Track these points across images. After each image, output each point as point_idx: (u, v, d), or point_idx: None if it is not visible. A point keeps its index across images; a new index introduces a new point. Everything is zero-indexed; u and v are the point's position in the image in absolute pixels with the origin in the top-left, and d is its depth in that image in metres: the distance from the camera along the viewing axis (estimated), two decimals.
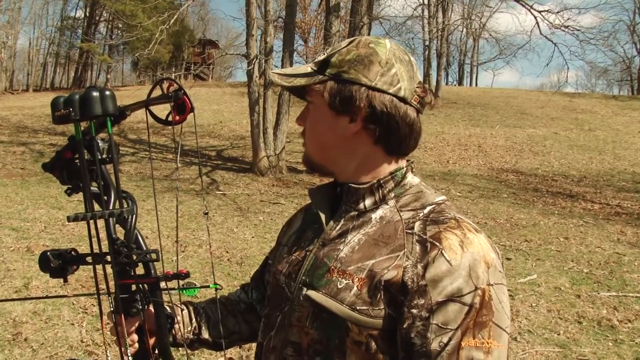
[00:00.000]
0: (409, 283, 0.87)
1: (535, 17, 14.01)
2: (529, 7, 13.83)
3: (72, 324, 4.10)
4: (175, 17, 12.69)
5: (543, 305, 4.90)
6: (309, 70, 1.02)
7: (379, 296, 0.89)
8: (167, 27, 12.50)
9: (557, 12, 13.84)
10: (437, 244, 0.89)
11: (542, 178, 12.51)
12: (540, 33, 15.45)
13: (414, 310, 0.86)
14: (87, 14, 38.57)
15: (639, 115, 21.10)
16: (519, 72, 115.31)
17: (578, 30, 13.86)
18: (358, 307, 0.89)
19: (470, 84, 47.08)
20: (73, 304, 4.41)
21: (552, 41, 14.28)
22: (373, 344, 0.90)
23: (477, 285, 0.86)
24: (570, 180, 12.36)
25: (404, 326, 0.87)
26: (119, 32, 36.19)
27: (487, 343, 0.85)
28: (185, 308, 1.22)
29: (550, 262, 6.34)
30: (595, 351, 4.02)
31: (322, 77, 0.99)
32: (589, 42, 14.38)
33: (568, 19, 13.97)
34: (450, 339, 0.84)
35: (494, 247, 0.93)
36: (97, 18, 38.99)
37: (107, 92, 0.87)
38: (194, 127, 0.91)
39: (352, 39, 1.03)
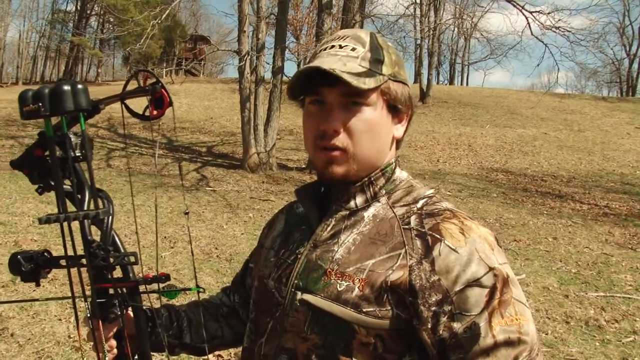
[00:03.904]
0: (417, 282, 0.85)
1: (526, 18, 14.05)
2: (521, 8, 13.86)
3: (60, 319, 4.06)
4: (167, 12, 12.62)
5: (531, 304, 4.91)
6: (361, 68, 0.91)
7: (385, 297, 0.86)
8: (159, 22, 12.43)
9: (548, 13, 13.89)
10: (438, 235, 0.87)
11: (531, 178, 12.56)
12: (532, 34, 15.53)
13: (434, 308, 0.84)
14: (79, 8, 38.30)
15: (628, 117, 21.26)
16: (510, 72, 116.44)
17: (569, 31, 13.93)
18: (364, 309, 0.86)
19: (461, 84, 47.25)
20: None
21: (543, 42, 14.33)
22: (380, 343, 0.87)
23: (490, 266, 0.85)
24: (560, 180, 12.43)
25: (429, 326, 0.84)
26: (110, 26, 35.97)
27: (516, 319, 0.84)
28: (165, 311, 1.17)
29: (538, 262, 6.36)
30: (582, 351, 4.04)
31: (383, 78, 0.93)
32: (580, 44, 14.46)
33: (559, 20, 14.04)
34: (479, 324, 0.83)
35: (489, 230, 0.93)
36: (88, 12, 38.72)
37: (80, 86, 0.82)
38: (174, 120, 0.86)
39: (363, 31, 0.98)
